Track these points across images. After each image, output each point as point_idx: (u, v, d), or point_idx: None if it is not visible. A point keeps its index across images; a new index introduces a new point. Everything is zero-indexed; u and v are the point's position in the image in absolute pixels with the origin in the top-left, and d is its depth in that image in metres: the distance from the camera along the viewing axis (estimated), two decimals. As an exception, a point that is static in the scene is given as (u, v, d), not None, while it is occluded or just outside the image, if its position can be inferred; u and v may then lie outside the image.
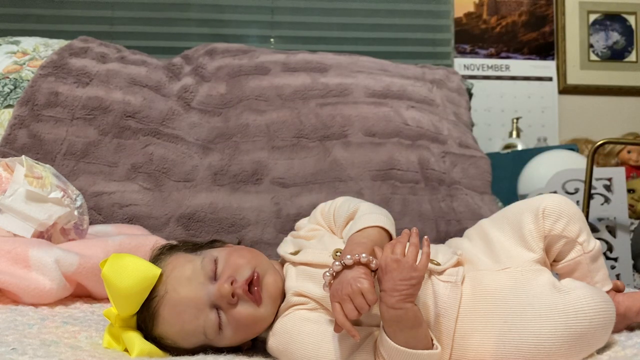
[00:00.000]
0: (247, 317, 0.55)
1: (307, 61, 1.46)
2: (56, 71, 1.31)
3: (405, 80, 1.48)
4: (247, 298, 0.55)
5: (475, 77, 2.02)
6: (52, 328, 0.59)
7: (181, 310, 0.54)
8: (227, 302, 0.54)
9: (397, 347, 0.49)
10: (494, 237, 0.58)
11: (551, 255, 0.57)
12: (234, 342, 0.57)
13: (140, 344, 0.54)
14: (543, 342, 0.48)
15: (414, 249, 0.50)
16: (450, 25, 2.07)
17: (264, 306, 0.56)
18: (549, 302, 0.50)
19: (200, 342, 0.55)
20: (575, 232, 0.56)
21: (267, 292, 0.57)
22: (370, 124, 1.36)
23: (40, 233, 0.76)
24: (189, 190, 1.24)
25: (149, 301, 0.55)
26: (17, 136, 1.22)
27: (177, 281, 0.55)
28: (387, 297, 0.49)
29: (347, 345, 0.52)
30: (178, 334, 0.55)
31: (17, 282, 0.67)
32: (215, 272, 0.56)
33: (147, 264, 0.55)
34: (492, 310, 0.52)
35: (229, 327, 0.55)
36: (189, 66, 1.45)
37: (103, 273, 0.55)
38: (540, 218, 0.56)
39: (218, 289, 0.55)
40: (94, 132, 1.26)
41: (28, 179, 0.77)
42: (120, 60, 1.40)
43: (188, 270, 0.56)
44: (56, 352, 0.51)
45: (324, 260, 0.57)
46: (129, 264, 0.55)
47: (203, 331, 0.55)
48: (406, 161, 1.32)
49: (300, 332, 0.54)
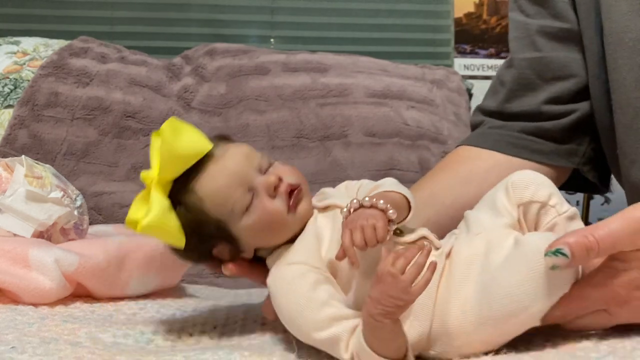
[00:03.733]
0: (275, 213, 0.55)
1: (307, 61, 1.46)
2: (56, 71, 1.31)
3: (405, 80, 1.48)
4: (284, 197, 0.56)
5: (476, 77, 2.02)
6: (51, 326, 0.59)
7: (227, 174, 0.55)
8: (266, 191, 0.56)
9: (366, 348, 0.49)
10: (471, 216, 0.60)
11: (529, 224, 0.57)
12: (248, 234, 0.56)
13: (161, 204, 0.54)
14: (512, 290, 0.49)
15: (415, 271, 0.47)
16: (450, 25, 2.07)
17: (292, 216, 0.56)
18: (514, 254, 0.50)
19: (220, 216, 0.55)
20: (545, 196, 0.56)
21: (300, 210, 0.57)
22: (370, 124, 1.36)
23: (40, 233, 0.76)
24: (189, 190, 1.24)
25: (202, 159, 0.56)
26: (17, 136, 1.22)
27: (236, 153, 0.57)
28: (369, 305, 0.48)
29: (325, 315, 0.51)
30: (211, 193, 0.55)
31: (17, 281, 0.67)
32: (267, 169, 0.57)
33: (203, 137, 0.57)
34: (466, 274, 0.52)
35: (254, 214, 0.55)
36: (189, 66, 1.45)
37: (160, 130, 0.54)
38: (510, 190, 0.57)
39: (265, 178, 0.56)
40: (94, 132, 1.26)
41: (28, 179, 0.77)
42: (121, 60, 1.40)
43: (247, 152, 0.58)
44: (55, 350, 0.51)
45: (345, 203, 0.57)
46: (190, 128, 0.56)
47: (232, 205, 0.55)
48: (406, 161, 1.32)
49: (294, 290, 0.53)
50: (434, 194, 0.80)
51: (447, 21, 2.07)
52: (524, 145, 0.82)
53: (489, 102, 0.89)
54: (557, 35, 0.82)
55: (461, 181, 0.81)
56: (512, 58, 0.86)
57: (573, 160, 0.84)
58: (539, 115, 0.83)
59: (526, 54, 0.84)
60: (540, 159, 0.82)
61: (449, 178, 0.83)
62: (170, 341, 0.60)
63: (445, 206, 0.78)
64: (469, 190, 0.78)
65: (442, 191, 0.81)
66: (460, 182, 0.81)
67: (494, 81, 0.89)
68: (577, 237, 0.47)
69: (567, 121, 0.82)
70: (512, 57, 0.86)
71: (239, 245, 0.57)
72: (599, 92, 0.79)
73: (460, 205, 0.67)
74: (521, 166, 0.82)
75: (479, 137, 0.87)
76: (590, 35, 0.79)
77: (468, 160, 0.84)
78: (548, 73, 0.82)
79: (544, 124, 0.82)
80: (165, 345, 0.59)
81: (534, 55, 0.83)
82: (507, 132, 0.84)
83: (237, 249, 0.58)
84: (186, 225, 0.55)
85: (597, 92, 0.80)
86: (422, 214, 0.77)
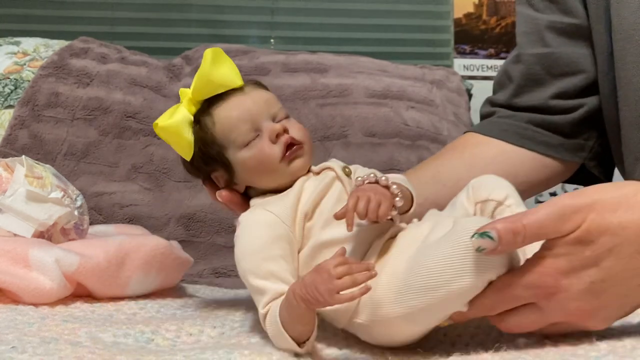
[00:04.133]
0: (268, 156, 0.59)
1: (307, 62, 1.46)
2: (57, 72, 1.32)
3: (405, 80, 1.49)
4: (282, 147, 0.59)
5: (475, 78, 2.02)
6: (52, 326, 0.59)
7: (241, 109, 0.61)
8: (268, 135, 0.60)
9: (276, 315, 0.51)
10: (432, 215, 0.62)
11: None
12: (241, 168, 0.61)
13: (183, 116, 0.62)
14: (437, 264, 0.49)
15: (349, 283, 0.48)
16: (449, 26, 2.07)
17: (283, 165, 0.60)
18: (448, 233, 0.51)
19: (223, 142, 0.61)
20: (502, 196, 0.57)
21: (294, 165, 0.60)
22: (370, 125, 1.36)
23: (41, 233, 0.76)
24: (189, 191, 1.24)
25: (230, 91, 0.62)
26: (18, 136, 1.22)
27: (257, 95, 0.62)
28: (298, 283, 0.50)
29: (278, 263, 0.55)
30: (222, 120, 0.61)
31: (17, 281, 0.67)
32: (280, 120, 0.62)
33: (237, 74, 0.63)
34: (403, 251, 0.54)
35: (251, 150, 0.60)
36: (189, 67, 1.46)
37: (204, 54, 0.62)
38: (470, 191, 0.59)
39: (273, 124, 0.60)
40: (95, 132, 1.26)
41: (28, 179, 0.77)
42: (121, 60, 1.40)
43: (268, 99, 0.63)
44: (56, 350, 0.51)
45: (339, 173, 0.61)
46: (229, 62, 0.63)
47: (235, 136, 0.60)
48: (406, 161, 1.32)
49: (256, 233, 0.56)
50: (437, 174, 0.81)
51: (447, 22, 2.07)
52: (530, 136, 0.83)
53: (497, 96, 0.89)
54: (566, 30, 0.82)
55: (465, 165, 0.82)
56: (520, 53, 0.85)
57: (580, 155, 0.84)
58: (547, 110, 0.82)
59: (535, 49, 0.84)
60: (546, 151, 0.83)
61: (454, 159, 0.83)
62: (170, 340, 0.60)
63: (446, 187, 0.79)
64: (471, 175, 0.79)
65: (444, 173, 0.82)
66: (464, 165, 0.82)
67: (501, 75, 0.89)
68: (506, 222, 0.47)
69: (575, 116, 0.81)
70: (520, 52, 0.86)
71: (234, 176, 0.62)
72: (607, 88, 0.79)
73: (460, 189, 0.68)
74: (526, 157, 0.82)
75: (488, 125, 0.87)
76: (599, 31, 0.79)
77: (475, 146, 0.85)
78: (556, 69, 0.82)
79: (552, 117, 0.82)
80: (165, 344, 0.59)
81: (542, 51, 0.83)
82: (515, 122, 0.84)
83: (231, 179, 0.62)
84: (197, 141, 0.62)
85: (605, 89, 0.79)
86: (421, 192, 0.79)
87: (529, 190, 0.84)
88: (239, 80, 0.63)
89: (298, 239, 0.57)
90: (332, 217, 0.55)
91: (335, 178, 0.60)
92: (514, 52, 0.88)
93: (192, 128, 0.62)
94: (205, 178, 0.66)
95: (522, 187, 0.84)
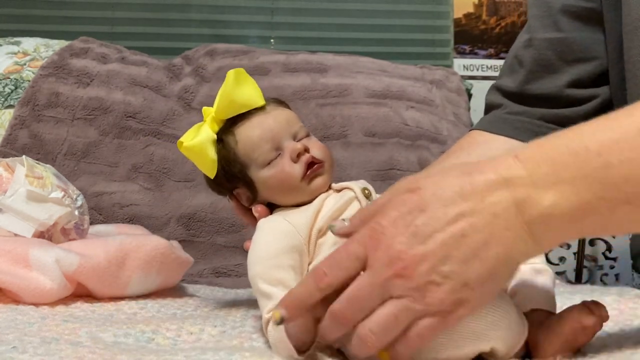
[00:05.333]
0: (289, 175, 0.61)
1: (307, 62, 1.46)
2: (57, 72, 1.32)
3: (404, 80, 1.49)
4: (303, 166, 0.61)
5: (475, 78, 2.02)
6: (52, 326, 0.59)
7: (263, 129, 0.62)
8: (290, 154, 0.61)
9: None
10: None
11: None
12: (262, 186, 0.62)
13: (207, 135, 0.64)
14: None
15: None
16: (449, 26, 2.07)
17: (304, 184, 0.61)
18: None
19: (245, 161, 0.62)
20: None
21: (314, 183, 0.62)
22: (370, 124, 1.36)
23: (41, 233, 0.77)
24: (189, 191, 1.24)
25: (253, 110, 0.64)
26: (18, 136, 1.22)
27: (279, 115, 0.64)
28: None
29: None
30: (245, 140, 0.62)
31: (17, 281, 0.67)
32: (301, 139, 0.63)
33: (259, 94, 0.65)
34: None
35: (272, 169, 0.61)
36: (189, 67, 1.46)
37: (227, 74, 0.63)
38: None
39: (294, 144, 0.62)
40: (95, 132, 1.26)
41: (29, 179, 0.77)
42: (121, 60, 1.40)
43: (289, 118, 0.65)
44: (56, 350, 0.51)
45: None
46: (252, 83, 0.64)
47: (257, 155, 0.62)
48: (406, 161, 1.32)
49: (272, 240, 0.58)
50: None
51: (447, 22, 2.07)
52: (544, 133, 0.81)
53: (506, 81, 0.86)
54: (580, 14, 0.80)
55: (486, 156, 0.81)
56: (532, 37, 0.83)
57: None
58: (560, 99, 0.80)
59: (547, 33, 0.82)
60: None
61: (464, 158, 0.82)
62: (171, 340, 0.60)
63: None
64: None
65: None
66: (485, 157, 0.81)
67: (510, 60, 0.87)
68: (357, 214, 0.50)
69: (589, 108, 0.80)
70: (531, 36, 0.83)
71: (256, 194, 0.64)
72: (617, 78, 0.77)
73: None
74: None
75: (498, 122, 0.85)
76: (611, 18, 0.77)
77: (483, 144, 0.84)
78: (569, 54, 0.80)
79: (564, 111, 0.81)
80: (166, 343, 0.59)
81: (555, 36, 0.81)
82: (527, 118, 0.82)
83: (254, 196, 0.64)
84: (220, 159, 0.64)
85: (614, 78, 0.78)
86: None
87: None
88: (260, 100, 0.64)
89: (310, 253, 0.58)
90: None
91: (354, 198, 0.61)
92: (524, 35, 0.85)
93: (216, 146, 0.64)
94: (225, 194, 0.68)
95: None
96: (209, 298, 0.82)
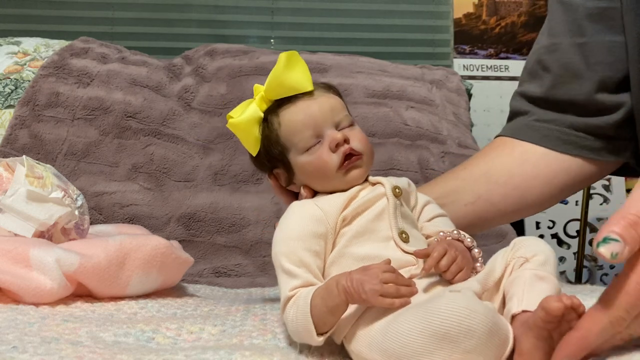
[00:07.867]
0: (326, 163, 0.61)
1: (307, 62, 1.46)
2: (57, 71, 1.32)
3: (404, 80, 1.49)
4: (341, 156, 0.61)
5: (475, 78, 2.02)
6: (52, 326, 0.59)
7: (307, 114, 0.63)
8: (329, 143, 0.61)
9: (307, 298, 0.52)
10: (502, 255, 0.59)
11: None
12: (299, 170, 0.63)
13: (254, 113, 0.65)
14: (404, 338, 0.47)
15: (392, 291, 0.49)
16: (449, 26, 2.07)
17: (339, 174, 0.61)
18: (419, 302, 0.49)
19: (286, 144, 0.63)
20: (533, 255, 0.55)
21: (350, 175, 0.62)
22: (370, 124, 1.36)
23: (41, 233, 0.77)
24: (189, 190, 1.25)
25: (300, 94, 0.64)
26: (18, 136, 1.22)
27: (325, 102, 0.64)
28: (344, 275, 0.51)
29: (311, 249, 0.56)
30: (288, 123, 0.63)
31: (17, 281, 0.67)
32: (343, 128, 0.64)
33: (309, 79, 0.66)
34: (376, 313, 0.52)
35: (311, 156, 0.62)
36: (189, 67, 1.46)
37: (279, 56, 0.64)
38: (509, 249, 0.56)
39: (335, 133, 0.62)
40: (95, 132, 1.26)
41: (29, 179, 0.77)
42: (121, 60, 1.41)
43: (334, 106, 0.65)
44: (56, 350, 0.51)
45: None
46: (303, 67, 0.65)
47: (298, 140, 0.62)
48: (406, 161, 1.32)
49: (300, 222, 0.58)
50: (487, 171, 0.81)
51: (447, 22, 2.07)
52: (573, 142, 0.81)
53: (531, 87, 0.85)
54: (603, 15, 0.79)
55: (516, 161, 0.81)
56: (557, 42, 0.82)
57: (624, 155, 0.82)
58: (589, 105, 0.80)
59: (573, 38, 0.81)
60: (589, 155, 0.81)
61: (503, 156, 0.82)
62: (171, 339, 0.60)
63: (499, 184, 0.79)
64: (525, 169, 0.78)
65: (495, 169, 0.81)
66: (516, 161, 0.81)
67: (533, 65, 0.85)
68: (616, 221, 0.44)
69: (618, 117, 0.79)
70: (555, 41, 0.83)
71: (293, 177, 0.65)
72: (637, 78, 0.77)
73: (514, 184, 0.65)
74: (568, 161, 0.81)
75: (525, 129, 0.84)
76: (630, 19, 0.76)
77: (510, 151, 0.83)
78: (595, 59, 0.80)
79: (595, 120, 0.80)
80: (166, 343, 0.59)
81: (580, 41, 0.80)
82: (556, 126, 0.81)
83: (290, 179, 0.65)
84: (263, 138, 0.65)
85: (635, 78, 0.77)
86: (473, 190, 0.77)
87: (568, 190, 0.83)
88: (309, 85, 0.65)
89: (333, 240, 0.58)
90: (364, 230, 0.58)
91: (383, 195, 0.61)
92: (547, 40, 0.84)
93: (261, 125, 0.65)
94: (266, 171, 0.69)
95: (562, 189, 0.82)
96: (209, 298, 0.82)
